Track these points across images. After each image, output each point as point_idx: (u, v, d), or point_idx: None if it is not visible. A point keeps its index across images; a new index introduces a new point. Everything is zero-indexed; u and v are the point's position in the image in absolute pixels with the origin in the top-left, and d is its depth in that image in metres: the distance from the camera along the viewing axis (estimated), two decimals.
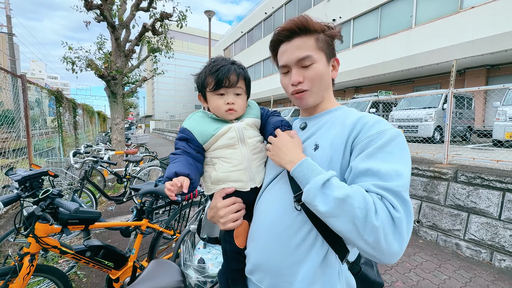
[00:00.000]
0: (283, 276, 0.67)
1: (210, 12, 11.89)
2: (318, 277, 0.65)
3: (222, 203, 0.77)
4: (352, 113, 0.72)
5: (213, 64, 0.81)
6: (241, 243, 0.80)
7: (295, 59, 0.71)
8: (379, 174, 0.57)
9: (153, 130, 36.73)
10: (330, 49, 0.74)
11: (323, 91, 0.76)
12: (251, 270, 0.75)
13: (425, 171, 3.49)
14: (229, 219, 0.75)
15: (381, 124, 0.65)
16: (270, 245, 0.70)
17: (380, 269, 2.59)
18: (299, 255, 0.66)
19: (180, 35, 40.78)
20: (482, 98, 8.22)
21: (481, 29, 9.00)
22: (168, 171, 0.72)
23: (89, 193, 3.45)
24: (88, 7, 5.11)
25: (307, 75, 0.72)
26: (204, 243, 1.34)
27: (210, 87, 0.80)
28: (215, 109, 0.82)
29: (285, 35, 0.73)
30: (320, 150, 0.69)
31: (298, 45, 0.71)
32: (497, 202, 2.82)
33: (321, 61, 0.72)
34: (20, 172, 1.46)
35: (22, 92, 3.79)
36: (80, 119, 8.12)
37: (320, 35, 0.72)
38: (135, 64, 6.75)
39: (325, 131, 0.72)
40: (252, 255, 0.75)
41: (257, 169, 0.81)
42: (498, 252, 2.74)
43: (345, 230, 0.55)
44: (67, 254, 1.51)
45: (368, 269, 0.73)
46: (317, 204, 0.57)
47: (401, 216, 0.53)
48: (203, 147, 0.81)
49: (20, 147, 3.94)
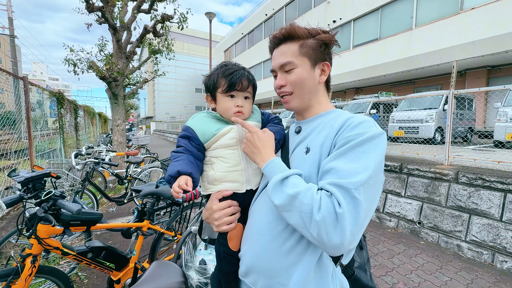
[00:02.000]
0: (277, 278, 0.68)
1: (210, 13, 11.94)
2: (312, 279, 0.65)
3: (218, 206, 0.78)
4: (342, 115, 0.73)
5: (226, 68, 0.85)
6: (234, 246, 0.81)
7: (278, 64, 0.77)
8: (338, 172, 0.60)
9: (154, 132, 36.80)
10: (318, 54, 0.76)
11: (307, 94, 0.78)
12: (244, 272, 0.76)
13: (426, 172, 3.48)
14: (223, 222, 0.77)
15: (363, 125, 0.65)
16: (264, 248, 0.71)
17: (381, 270, 2.59)
18: (293, 257, 0.67)
19: (181, 37, 40.88)
20: (483, 99, 8.21)
21: (482, 30, 9.00)
22: (171, 169, 0.74)
23: (90, 194, 3.46)
24: (90, 9, 5.14)
25: (289, 79, 0.76)
26: (205, 244, 1.34)
27: (222, 88, 0.83)
28: (224, 110, 0.84)
29: (274, 42, 0.79)
30: (311, 153, 0.71)
31: (282, 51, 0.77)
32: (499, 203, 2.81)
33: (303, 66, 0.75)
34: (23, 174, 1.47)
35: (24, 94, 3.81)
36: (82, 121, 8.15)
37: (307, 41, 0.75)
38: (136, 66, 6.78)
39: (316, 134, 0.74)
40: (246, 257, 0.76)
41: (254, 172, 0.82)
42: (500, 254, 2.73)
43: (296, 224, 0.60)
44: (69, 255, 1.52)
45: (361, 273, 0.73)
46: (273, 199, 0.64)
47: (343, 212, 0.55)
48: (204, 146, 0.83)
49: (21, 149, 3.95)
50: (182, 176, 0.74)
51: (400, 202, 3.72)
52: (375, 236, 3.43)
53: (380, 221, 3.91)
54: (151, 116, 52.46)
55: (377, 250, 3.04)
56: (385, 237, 3.40)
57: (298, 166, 0.72)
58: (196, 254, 1.31)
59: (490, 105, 7.04)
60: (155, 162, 5.46)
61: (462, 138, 8.08)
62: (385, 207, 3.90)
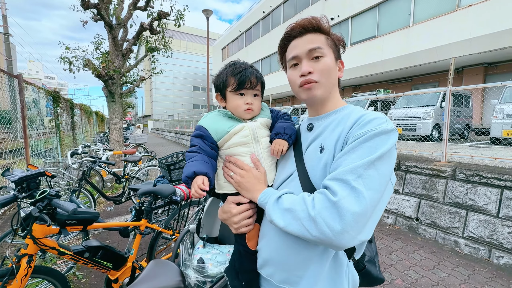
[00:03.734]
0: (293, 271, 0.70)
1: (208, 11, 11.85)
2: (327, 273, 0.67)
3: (237, 209, 0.79)
4: (355, 112, 0.72)
5: (235, 67, 0.87)
6: (253, 245, 0.82)
7: (306, 49, 0.74)
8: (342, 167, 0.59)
9: (151, 130, 36.63)
10: (337, 51, 0.79)
11: (330, 86, 0.77)
12: (261, 265, 0.78)
13: (423, 169, 3.50)
14: (242, 225, 0.78)
15: (374, 122, 0.65)
16: (281, 242, 0.72)
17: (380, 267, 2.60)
18: (310, 252, 0.68)
19: (179, 35, 40.62)
20: (480, 96, 8.25)
21: (479, 27, 9.02)
22: (187, 170, 0.76)
23: (87, 194, 3.44)
24: (85, 7, 5.07)
25: (316, 67, 0.74)
26: (203, 243, 1.33)
27: (232, 87, 0.85)
28: (234, 107, 0.86)
29: (298, 31, 0.77)
30: (326, 152, 0.70)
31: (310, 39, 0.75)
32: (496, 199, 2.83)
33: (330, 56, 0.75)
34: (17, 173, 1.45)
35: (18, 93, 3.76)
36: (78, 119, 8.08)
37: (329, 37, 0.77)
38: (133, 64, 6.72)
39: (330, 132, 0.73)
40: (264, 251, 0.77)
41: (269, 168, 0.83)
42: (496, 249, 2.75)
43: (300, 233, 0.59)
44: (65, 255, 1.50)
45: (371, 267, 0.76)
46: (275, 221, 0.63)
47: (338, 199, 0.54)
48: (217, 144, 0.84)
49: (17, 148, 3.91)
50: (198, 177, 0.75)
51: (398, 199, 3.74)
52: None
53: None
54: (148, 114, 52.21)
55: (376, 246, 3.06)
56: (383, 234, 3.42)
57: (314, 164, 0.72)
58: (194, 253, 1.30)
59: (487, 102, 7.08)
60: (153, 161, 5.43)
61: (459, 135, 8.13)
62: None
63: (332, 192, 0.56)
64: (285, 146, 0.81)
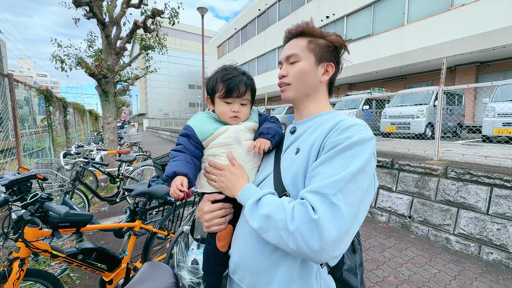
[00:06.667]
0: (262, 276, 0.70)
1: (203, 9, 11.74)
2: (296, 278, 0.67)
3: (209, 207, 0.80)
4: (335, 118, 0.73)
5: (225, 72, 0.86)
6: (223, 247, 0.82)
7: (284, 56, 0.81)
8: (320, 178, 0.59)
9: (146, 129, 36.30)
10: (324, 53, 0.78)
11: (305, 89, 0.79)
12: (233, 270, 0.78)
13: (416, 168, 3.55)
14: (213, 223, 0.79)
15: (352, 129, 0.65)
16: (250, 246, 0.73)
17: (373, 264, 2.64)
18: (277, 257, 0.68)
19: (173, 32, 40.14)
20: (471, 95, 8.38)
21: (471, 27, 9.15)
22: (168, 169, 0.78)
23: (81, 194, 3.40)
24: (77, 4, 4.98)
25: (290, 71, 0.79)
26: (197, 244, 1.33)
27: (220, 94, 0.85)
28: (221, 113, 0.87)
29: (286, 37, 0.84)
30: (300, 154, 0.71)
31: (291, 45, 0.80)
32: (485, 197, 2.89)
33: (307, 60, 0.77)
34: (7, 176, 1.43)
35: (9, 92, 3.69)
36: (71, 118, 7.96)
37: (318, 40, 0.78)
38: (126, 62, 6.64)
39: (307, 136, 0.74)
40: (234, 255, 0.78)
41: (249, 172, 0.83)
42: (486, 246, 2.82)
43: (276, 242, 0.59)
44: (58, 258, 1.49)
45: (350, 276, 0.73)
46: (250, 222, 0.63)
47: (318, 217, 0.54)
48: (202, 145, 0.85)
49: (8, 148, 3.84)
50: (178, 177, 0.76)
51: (391, 197, 3.79)
52: (367, 231, 3.49)
53: (372, 216, 3.98)
54: (143, 113, 51.67)
55: (369, 244, 3.10)
56: (377, 232, 3.47)
57: (287, 166, 0.73)
58: (188, 254, 1.30)
59: (479, 101, 7.19)
60: (148, 161, 5.40)
61: (451, 133, 8.26)
62: (377, 202, 3.97)
63: (313, 207, 0.56)
64: (267, 144, 0.80)
